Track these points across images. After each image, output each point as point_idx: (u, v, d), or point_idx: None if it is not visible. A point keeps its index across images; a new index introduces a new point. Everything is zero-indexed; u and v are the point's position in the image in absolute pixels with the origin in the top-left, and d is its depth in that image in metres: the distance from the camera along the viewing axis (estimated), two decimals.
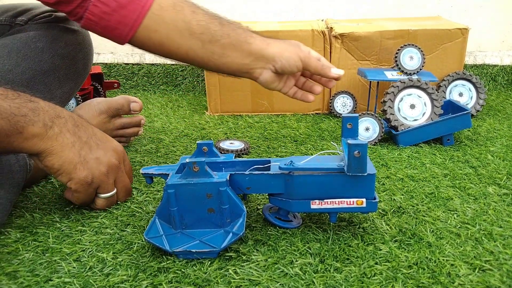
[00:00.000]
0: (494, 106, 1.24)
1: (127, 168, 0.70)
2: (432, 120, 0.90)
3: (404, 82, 0.92)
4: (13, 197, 0.65)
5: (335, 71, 0.80)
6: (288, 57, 0.75)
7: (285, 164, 0.56)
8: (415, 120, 0.91)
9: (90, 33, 0.91)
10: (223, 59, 0.74)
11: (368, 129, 0.95)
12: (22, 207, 0.69)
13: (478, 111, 1.13)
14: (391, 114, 0.91)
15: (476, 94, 1.14)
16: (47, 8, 0.86)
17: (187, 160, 0.55)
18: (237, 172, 0.58)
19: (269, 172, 0.58)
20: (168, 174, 0.60)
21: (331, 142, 0.98)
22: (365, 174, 0.54)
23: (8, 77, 0.75)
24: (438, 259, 0.53)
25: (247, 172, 0.58)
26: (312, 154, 0.69)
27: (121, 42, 0.71)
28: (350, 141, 0.52)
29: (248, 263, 0.53)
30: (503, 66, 1.48)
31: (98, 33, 0.71)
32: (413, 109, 0.91)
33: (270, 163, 0.61)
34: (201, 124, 1.14)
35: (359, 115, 0.93)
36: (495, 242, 0.57)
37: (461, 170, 0.80)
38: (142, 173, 0.64)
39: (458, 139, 0.96)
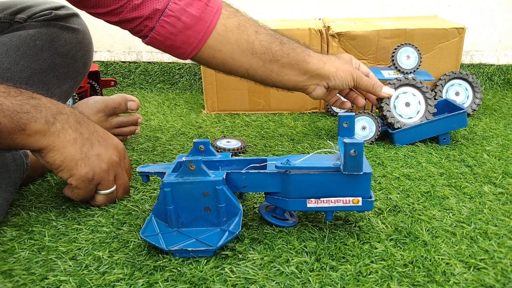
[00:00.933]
0: (490, 105, 1.25)
1: (126, 166, 0.70)
2: (426, 118, 0.91)
3: (400, 80, 0.93)
4: (10, 196, 0.65)
5: (386, 91, 0.87)
6: (342, 77, 0.80)
7: (281, 163, 0.56)
8: (410, 118, 0.91)
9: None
10: (281, 77, 0.78)
11: (365, 128, 0.95)
12: (18, 205, 0.69)
13: (474, 110, 1.14)
14: (387, 111, 0.91)
15: (473, 93, 1.14)
16: (46, 6, 0.85)
17: (184, 159, 0.55)
18: (233, 171, 0.58)
19: (265, 170, 0.58)
20: (165, 172, 0.60)
21: (328, 141, 0.98)
22: (361, 173, 0.54)
23: (6, 76, 0.75)
24: (434, 257, 0.53)
25: (243, 171, 0.58)
26: (308, 153, 0.69)
27: (183, 58, 0.73)
28: (346, 140, 0.52)
29: (244, 261, 0.53)
30: (499, 65, 1.49)
31: (161, 50, 0.73)
32: (408, 107, 0.91)
33: (266, 161, 0.61)
34: (198, 122, 1.14)
35: (356, 114, 0.93)
36: (490, 241, 0.57)
37: (457, 169, 0.80)
38: (138, 172, 0.64)
39: (454, 138, 0.97)
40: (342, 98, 0.91)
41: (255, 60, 0.74)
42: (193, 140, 0.64)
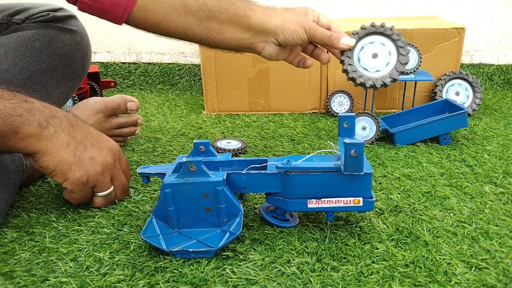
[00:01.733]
0: (490, 105, 1.25)
1: (123, 166, 0.70)
2: (397, 70, 0.76)
3: (365, 29, 0.78)
4: (10, 197, 0.65)
5: (345, 42, 0.74)
6: (291, 29, 0.72)
7: (282, 164, 0.56)
8: (378, 71, 0.77)
9: (87, 33, 0.91)
10: (221, 36, 0.72)
11: (365, 128, 0.95)
12: (19, 206, 0.69)
13: (475, 110, 1.14)
14: (349, 65, 0.77)
15: (473, 93, 1.14)
16: (44, 8, 0.85)
17: (184, 160, 0.55)
18: (234, 172, 0.58)
19: (266, 171, 0.58)
20: (165, 173, 0.60)
21: (328, 142, 0.98)
22: (362, 173, 0.54)
23: (5, 77, 0.75)
24: (435, 257, 0.53)
25: (244, 171, 0.58)
26: (309, 153, 0.69)
27: (118, 23, 0.70)
28: (346, 140, 0.52)
29: (245, 262, 0.53)
30: (499, 65, 1.49)
31: (95, 15, 0.69)
32: (376, 59, 0.77)
33: (267, 162, 0.61)
34: (198, 123, 1.14)
35: (356, 115, 0.93)
36: (491, 240, 0.57)
37: (457, 169, 0.80)
38: (139, 173, 0.64)
39: (454, 138, 0.96)
40: (306, 56, 0.81)
41: (191, 19, 0.69)
42: (194, 141, 0.64)
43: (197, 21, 0.69)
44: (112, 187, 0.67)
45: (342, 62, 0.78)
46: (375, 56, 0.77)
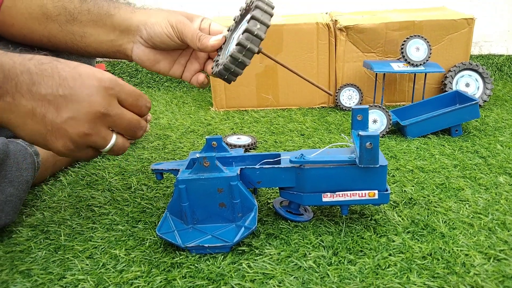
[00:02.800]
0: (501, 96, 1.23)
1: (129, 100, 0.53)
2: (242, 36, 0.55)
3: (235, 20, 0.63)
4: (23, 194, 0.65)
5: (215, 38, 0.61)
6: (154, 23, 0.62)
7: (295, 157, 0.56)
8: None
9: None
10: (86, 40, 0.66)
11: (376, 121, 0.94)
12: (32, 205, 0.69)
13: (485, 101, 1.13)
14: (217, 55, 0.63)
15: (483, 84, 1.13)
16: None
17: (198, 155, 0.55)
18: (247, 167, 0.58)
19: (279, 165, 0.58)
20: (178, 170, 0.60)
21: (341, 135, 0.97)
22: (377, 165, 0.54)
23: None
24: (452, 249, 0.53)
25: (257, 166, 0.58)
26: (319, 148, 0.69)
27: None
28: (361, 133, 0.52)
29: (261, 256, 0.53)
30: (509, 55, 1.47)
31: None
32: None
33: (280, 157, 0.61)
34: (207, 120, 1.14)
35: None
36: (508, 231, 0.56)
37: (470, 160, 0.79)
38: (152, 169, 0.64)
39: (466, 130, 0.96)
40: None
41: (52, 25, 0.65)
42: (206, 137, 0.64)
43: (58, 27, 0.65)
44: (114, 136, 0.52)
45: (216, 63, 0.62)
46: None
